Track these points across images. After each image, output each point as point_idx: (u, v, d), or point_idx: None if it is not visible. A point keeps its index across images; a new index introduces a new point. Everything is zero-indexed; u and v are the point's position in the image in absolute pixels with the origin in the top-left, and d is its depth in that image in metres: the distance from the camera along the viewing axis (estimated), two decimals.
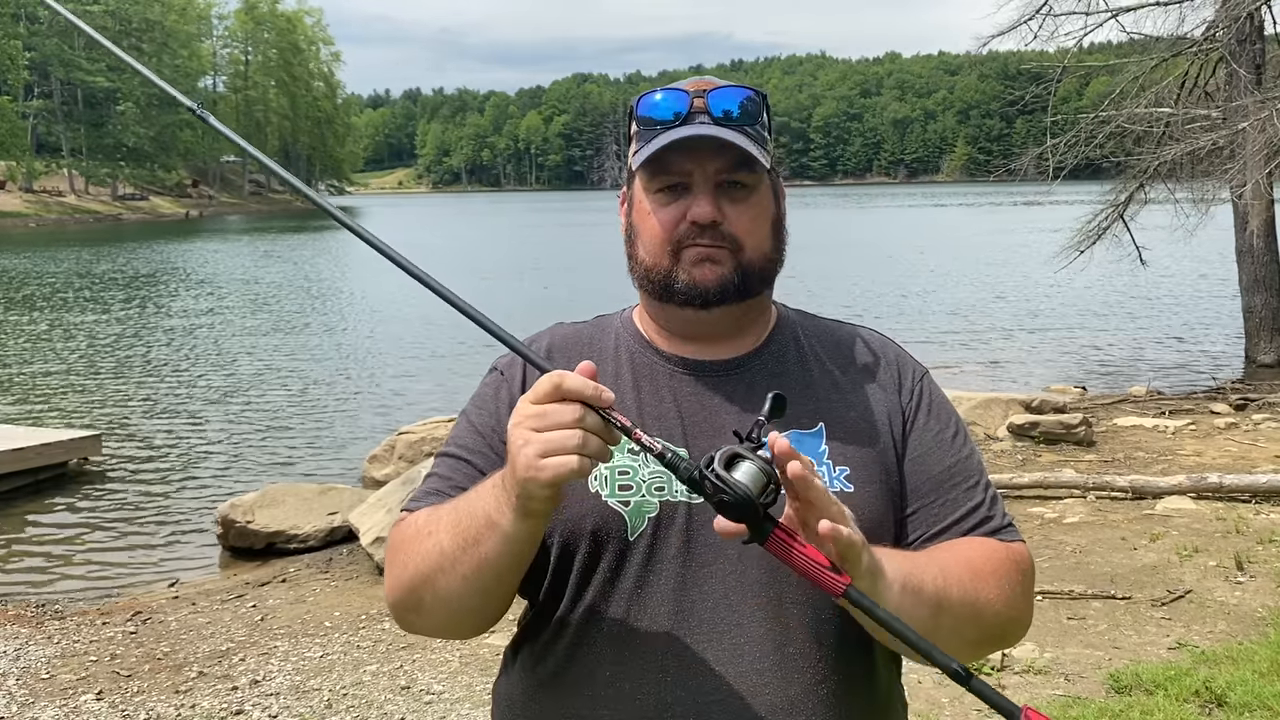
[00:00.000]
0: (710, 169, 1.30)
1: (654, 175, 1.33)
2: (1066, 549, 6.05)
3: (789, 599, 1.27)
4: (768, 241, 1.35)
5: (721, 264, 1.31)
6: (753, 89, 1.33)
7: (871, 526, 1.29)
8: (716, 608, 1.26)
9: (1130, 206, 13.17)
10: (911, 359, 1.46)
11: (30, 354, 16.17)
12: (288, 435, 10.92)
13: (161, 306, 22.63)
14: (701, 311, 1.33)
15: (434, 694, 4.46)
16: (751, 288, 1.34)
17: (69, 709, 4.48)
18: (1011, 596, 1.30)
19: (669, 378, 1.37)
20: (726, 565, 1.27)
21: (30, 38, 75.35)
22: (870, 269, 28.41)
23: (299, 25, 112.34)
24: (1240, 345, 13.63)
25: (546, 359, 1.31)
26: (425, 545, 1.27)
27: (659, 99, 1.32)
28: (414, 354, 16.00)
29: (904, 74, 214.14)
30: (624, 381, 1.37)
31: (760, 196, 1.34)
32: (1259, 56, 12.01)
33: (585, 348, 1.42)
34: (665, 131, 1.30)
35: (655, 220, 1.33)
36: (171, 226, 66.11)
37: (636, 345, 1.41)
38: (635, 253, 1.37)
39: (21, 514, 8.13)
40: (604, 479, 1.30)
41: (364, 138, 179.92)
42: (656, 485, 1.29)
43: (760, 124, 1.33)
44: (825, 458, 1.32)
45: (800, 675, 1.26)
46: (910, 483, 1.36)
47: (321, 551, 6.95)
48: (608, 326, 1.45)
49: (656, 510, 1.28)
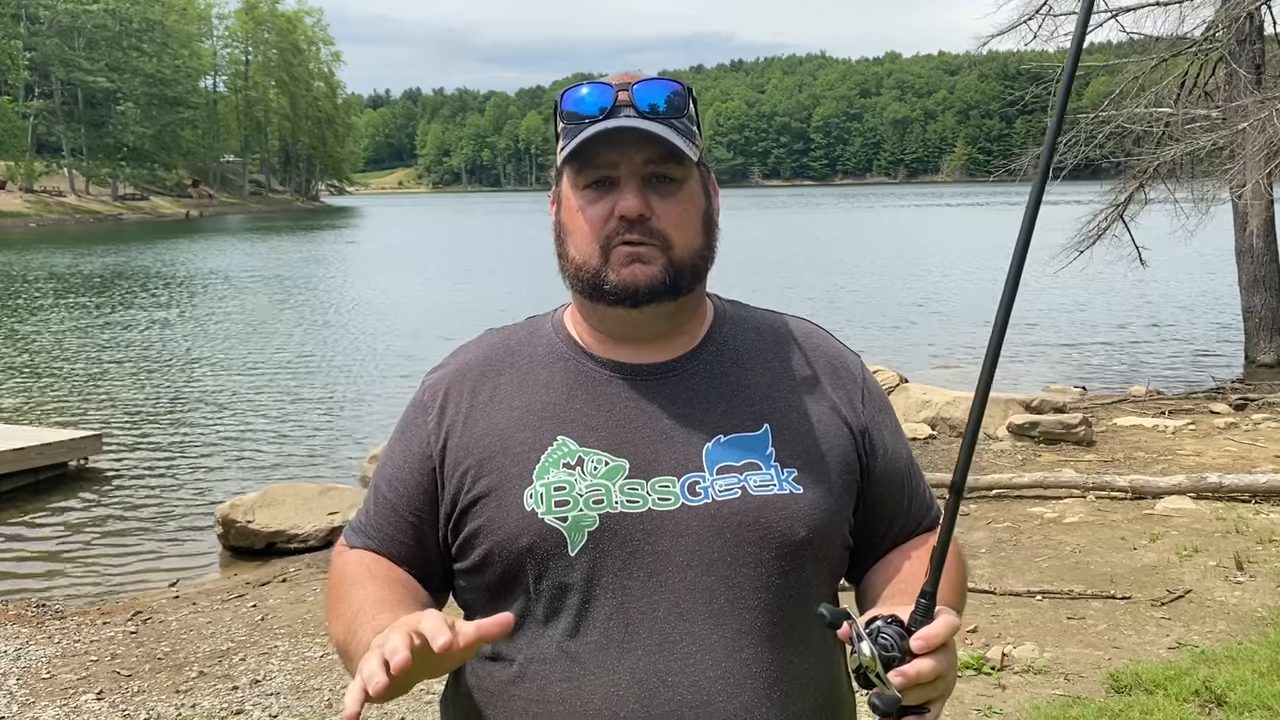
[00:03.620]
0: (637, 161, 1.27)
1: (580, 170, 1.29)
2: (1066, 549, 6.05)
3: (741, 604, 1.25)
4: (698, 237, 1.32)
5: (650, 263, 1.27)
6: (679, 83, 1.31)
7: (823, 527, 1.29)
8: (667, 617, 1.24)
9: (1130, 206, 13.17)
10: (846, 348, 1.45)
11: (31, 354, 16.17)
12: (288, 435, 10.93)
13: (162, 306, 22.62)
14: (632, 310, 1.29)
15: (434, 694, 4.46)
16: (682, 285, 1.30)
17: (69, 709, 4.48)
18: (964, 581, 1.41)
19: (604, 384, 1.33)
20: (675, 574, 1.25)
21: (30, 38, 75.35)
22: (871, 269, 28.41)
23: (299, 25, 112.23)
24: (1240, 345, 13.63)
25: (478, 378, 1.36)
26: (335, 621, 1.30)
27: (584, 93, 1.29)
28: (414, 354, 15.99)
29: (904, 74, 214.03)
30: (557, 391, 1.33)
31: (689, 191, 1.31)
32: (1259, 56, 12.01)
33: (516, 357, 1.38)
34: (589, 126, 1.27)
35: (583, 217, 1.29)
36: (172, 226, 66.11)
37: (568, 350, 1.37)
38: (565, 251, 1.33)
39: (22, 514, 8.13)
40: (539, 496, 1.26)
41: (364, 138, 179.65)
42: (595, 498, 1.26)
43: (688, 117, 1.31)
44: (773, 460, 1.29)
45: (753, 680, 1.24)
46: (882, 487, 1.38)
47: (322, 551, 6.95)
48: (539, 330, 1.41)
49: (596, 524, 1.25)
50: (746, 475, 1.28)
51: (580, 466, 1.27)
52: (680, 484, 1.27)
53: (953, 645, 1.13)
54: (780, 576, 1.27)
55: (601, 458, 1.28)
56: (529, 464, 1.28)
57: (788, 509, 1.27)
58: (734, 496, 1.26)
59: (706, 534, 1.25)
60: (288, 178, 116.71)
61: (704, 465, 1.28)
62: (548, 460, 1.28)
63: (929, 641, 1.09)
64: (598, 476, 1.27)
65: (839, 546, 1.34)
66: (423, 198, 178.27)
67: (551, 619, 1.27)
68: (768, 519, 1.26)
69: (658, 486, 1.27)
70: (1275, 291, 12.67)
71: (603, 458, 1.28)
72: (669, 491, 1.26)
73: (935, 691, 1.11)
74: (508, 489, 1.27)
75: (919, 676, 1.08)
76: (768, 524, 1.26)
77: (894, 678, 1.08)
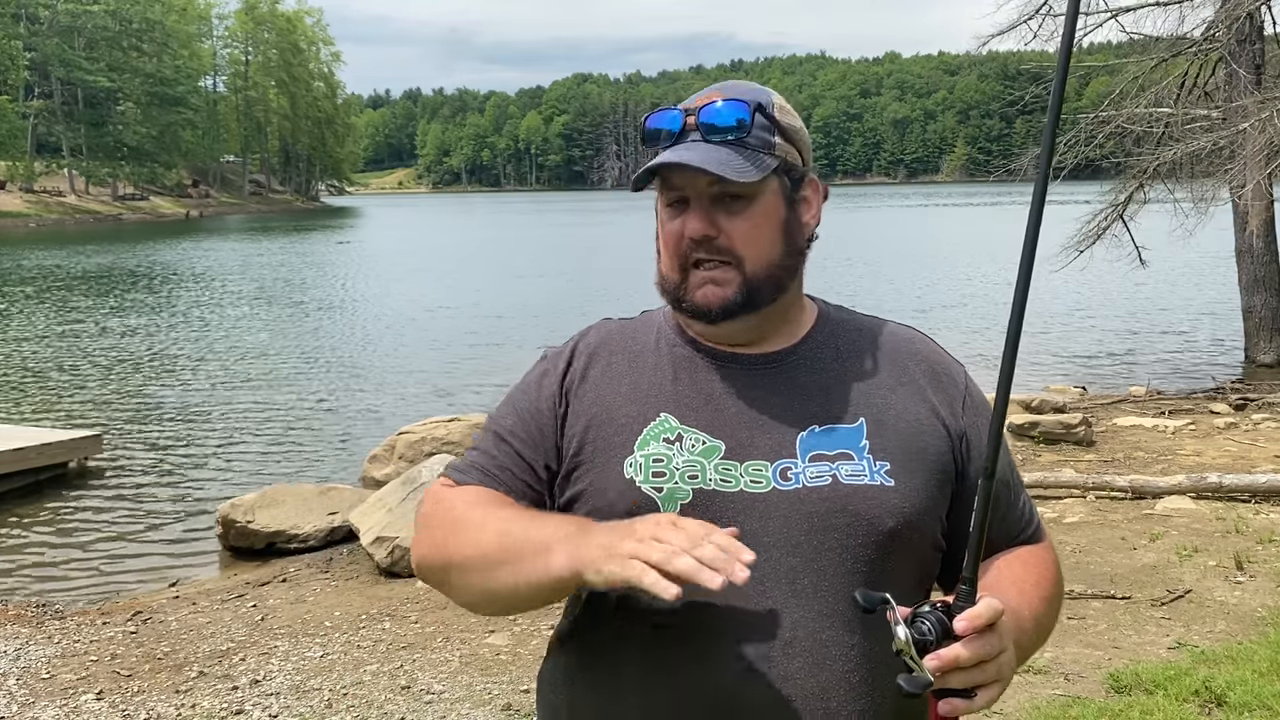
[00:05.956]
0: (701, 184, 1.33)
1: (661, 189, 1.38)
2: (1066, 549, 6.05)
3: (824, 587, 1.28)
4: (775, 247, 1.36)
5: (724, 285, 1.33)
6: (745, 102, 1.34)
7: (912, 521, 1.32)
8: (750, 595, 1.27)
9: (1130, 206, 13.17)
10: (950, 357, 1.48)
11: (31, 354, 16.18)
12: (288, 435, 10.93)
13: (162, 306, 22.63)
14: (710, 326, 1.37)
15: (434, 694, 4.46)
16: (760, 300, 1.35)
17: (69, 709, 4.48)
18: (1058, 595, 1.44)
19: (708, 369, 1.39)
20: (761, 553, 1.26)
21: (30, 38, 75.35)
22: (870, 269, 28.41)
23: (299, 25, 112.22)
24: (1240, 345, 13.63)
25: (591, 354, 1.42)
26: (467, 536, 1.32)
27: (659, 118, 1.38)
28: (415, 354, 16.00)
29: (904, 74, 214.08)
30: (663, 373, 1.40)
31: (762, 204, 1.35)
32: (1259, 56, 12.00)
33: (629, 341, 1.45)
34: (661, 149, 1.35)
35: (667, 233, 1.37)
36: (172, 226, 66.12)
37: (677, 338, 1.43)
38: (658, 261, 1.42)
39: (22, 514, 8.13)
40: (639, 466, 1.32)
41: (364, 138, 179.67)
42: (690, 474, 1.31)
43: (762, 128, 1.34)
44: (866, 452, 1.33)
45: (833, 663, 1.27)
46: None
47: (322, 551, 6.95)
48: (651, 321, 1.48)
49: (689, 498, 1.30)
50: (838, 464, 1.32)
51: (679, 443, 1.33)
52: (773, 469, 1.31)
53: (1004, 630, 1.15)
54: (865, 564, 1.30)
55: (700, 437, 1.33)
56: (632, 435, 1.34)
57: (876, 499, 1.30)
58: (824, 484, 1.30)
59: (795, 517, 1.29)
60: (288, 178, 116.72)
61: (797, 452, 1.32)
62: (649, 434, 1.34)
63: (972, 622, 1.11)
64: (695, 454, 1.32)
65: (928, 545, 1.36)
66: (423, 198, 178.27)
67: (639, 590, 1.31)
68: (855, 507, 1.30)
69: (751, 469, 1.31)
70: (1275, 291, 12.68)
71: (701, 437, 1.33)
72: (761, 475, 1.31)
73: (983, 676, 1.13)
74: (611, 456, 1.34)
75: (956, 660, 1.10)
76: (855, 512, 1.29)
77: (930, 661, 1.09)
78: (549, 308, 20.85)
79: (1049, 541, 1.47)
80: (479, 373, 14.17)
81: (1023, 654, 1.26)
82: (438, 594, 1.62)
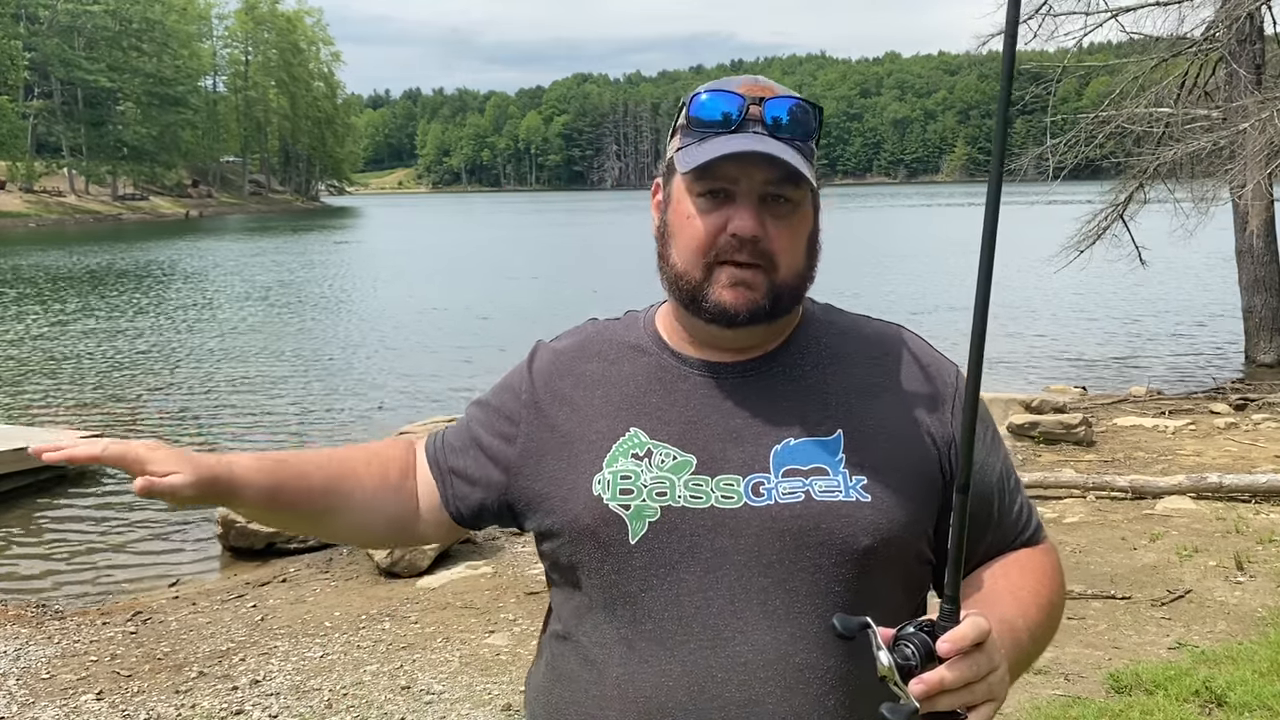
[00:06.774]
0: (757, 179, 1.26)
1: (699, 177, 1.28)
2: (1066, 549, 6.04)
3: (797, 609, 1.24)
4: (802, 260, 1.31)
5: (754, 289, 1.27)
6: (810, 102, 1.30)
7: (891, 538, 1.26)
8: (720, 614, 1.24)
9: (1130, 206, 13.17)
10: (941, 356, 1.41)
11: (31, 354, 16.17)
12: (288, 435, 10.93)
13: (162, 306, 22.63)
14: (726, 331, 1.31)
15: (434, 694, 4.46)
16: (781, 310, 1.30)
17: (69, 709, 4.48)
18: (1059, 599, 1.36)
19: (681, 379, 1.34)
20: (732, 572, 1.24)
21: (30, 38, 75.33)
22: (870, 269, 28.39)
23: (299, 25, 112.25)
24: (1240, 345, 13.63)
25: (571, 361, 1.41)
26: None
27: (713, 101, 1.28)
28: (414, 354, 16.00)
29: (904, 74, 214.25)
30: (635, 382, 1.36)
31: (802, 213, 1.30)
32: (1259, 56, 12.00)
33: (607, 347, 1.42)
34: (715, 137, 1.26)
35: (697, 226, 1.28)
36: (172, 226, 66.11)
37: (653, 345, 1.39)
38: (668, 254, 1.33)
39: (21, 514, 8.13)
40: (606, 483, 1.29)
41: (364, 138, 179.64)
42: (658, 490, 1.27)
43: (815, 132, 1.31)
44: (842, 466, 1.27)
45: (806, 686, 1.22)
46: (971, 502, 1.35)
47: (321, 551, 6.94)
48: (633, 324, 1.44)
49: (657, 515, 1.26)
50: (812, 480, 1.26)
51: (648, 459, 1.29)
52: (745, 484, 1.27)
53: (992, 648, 1.09)
54: (841, 584, 1.24)
55: (670, 452, 1.30)
56: (601, 452, 1.32)
57: (850, 517, 1.25)
58: (797, 500, 1.25)
59: (766, 535, 1.24)
60: (287, 178, 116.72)
61: (770, 467, 1.27)
62: (618, 450, 1.31)
63: (956, 644, 1.05)
64: (664, 470, 1.29)
65: (912, 559, 1.30)
66: (422, 198, 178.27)
67: (612, 605, 1.29)
68: (829, 525, 1.24)
69: (722, 484, 1.27)
70: (1275, 291, 12.67)
71: (671, 452, 1.30)
72: (733, 490, 1.27)
73: (972, 697, 1.07)
74: (579, 473, 1.32)
75: (941, 684, 1.04)
76: (829, 530, 1.24)
77: (915, 686, 1.04)
78: (549, 307, 20.84)
79: (1050, 544, 1.42)
80: (480, 373, 14.16)
81: (1020, 666, 1.21)
82: (438, 594, 1.61)
